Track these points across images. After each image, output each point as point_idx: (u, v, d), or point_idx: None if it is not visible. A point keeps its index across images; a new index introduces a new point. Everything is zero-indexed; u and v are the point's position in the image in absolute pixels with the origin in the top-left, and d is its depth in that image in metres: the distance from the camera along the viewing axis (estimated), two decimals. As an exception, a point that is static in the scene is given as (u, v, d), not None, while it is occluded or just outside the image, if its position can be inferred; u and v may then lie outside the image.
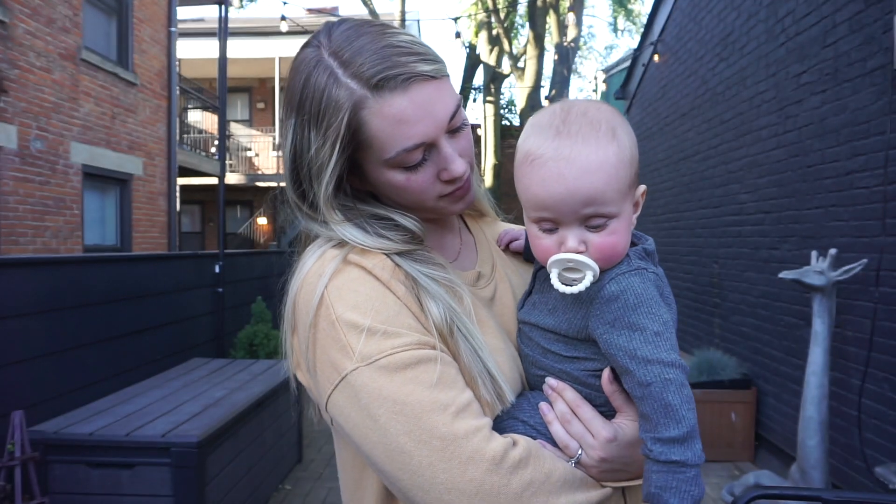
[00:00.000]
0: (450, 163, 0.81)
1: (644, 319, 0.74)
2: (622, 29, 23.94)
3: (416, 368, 0.72)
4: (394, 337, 0.74)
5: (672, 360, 0.72)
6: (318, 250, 0.82)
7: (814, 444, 3.16)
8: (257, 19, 15.49)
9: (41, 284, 3.37)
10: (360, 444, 0.74)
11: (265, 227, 16.10)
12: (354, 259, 0.79)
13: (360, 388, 0.72)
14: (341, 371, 0.73)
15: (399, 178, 0.81)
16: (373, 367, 0.72)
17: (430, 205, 0.84)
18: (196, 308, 5.15)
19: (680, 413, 0.72)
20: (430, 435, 0.69)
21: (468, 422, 0.71)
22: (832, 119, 3.58)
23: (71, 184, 6.63)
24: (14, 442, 2.67)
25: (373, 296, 0.76)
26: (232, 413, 3.07)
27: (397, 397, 0.71)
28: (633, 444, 0.78)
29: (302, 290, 0.80)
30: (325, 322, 0.75)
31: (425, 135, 0.78)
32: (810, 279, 3.24)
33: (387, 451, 0.71)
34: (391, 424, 0.70)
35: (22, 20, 5.91)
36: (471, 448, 0.69)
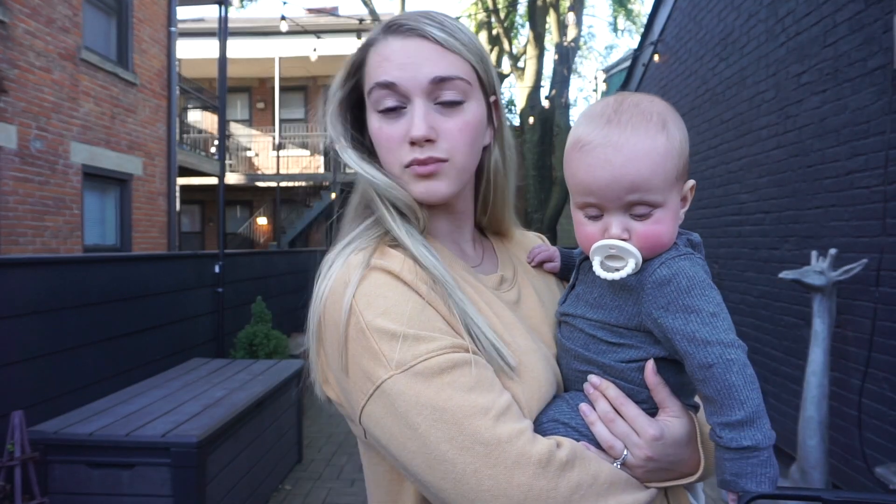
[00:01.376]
0: (414, 121, 0.79)
1: (698, 301, 0.73)
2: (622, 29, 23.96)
3: (452, 373, 0.71)
4: (427, 341, 0.72)
5: (731, 341, 0.72)
6: (341, 258, 0.81)
7: (814, 444, 3.16)
8: (257, 19, 15.49)
9: (41, 284, 3.37)
10: (399, 455, 0.71)
11: (265, 227, 16.10)
12: (379, 264, 0.78)
13: (396, 396, 0.70)
14: (375, 380, 0.71)
15: (375, 125, 0.83)
16: (408, 373, 0.70)
17: (396, 171, 0.83)
18: (196, 308, 5.15)
19: (744, 394, 0.71)
20: (472, 440, 0.67)
21: (510, 425, 0.69)
22: (832, 119, 3.58)
23: (71, 184, 6.63)
24: (14, 442, 2.66)
25: (401, 300, 0.75)
26: (232, 413, 3.07)
27: (436, 403, 0.69)
28: (680, 443, 0.77)
29: (329, 300, 0.78)
30: (355, 331, 0.73)
31: (399, 78, 0.80)
32: (810, 279, 3.24)
33: (428, 461, 0.69)
34: (431, 432, 0.68)
35: (22, 20, 5.91)
36: (516, 452, 0.67)
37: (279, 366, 4.28)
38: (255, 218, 16.10)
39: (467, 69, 0.83)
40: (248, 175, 15.58)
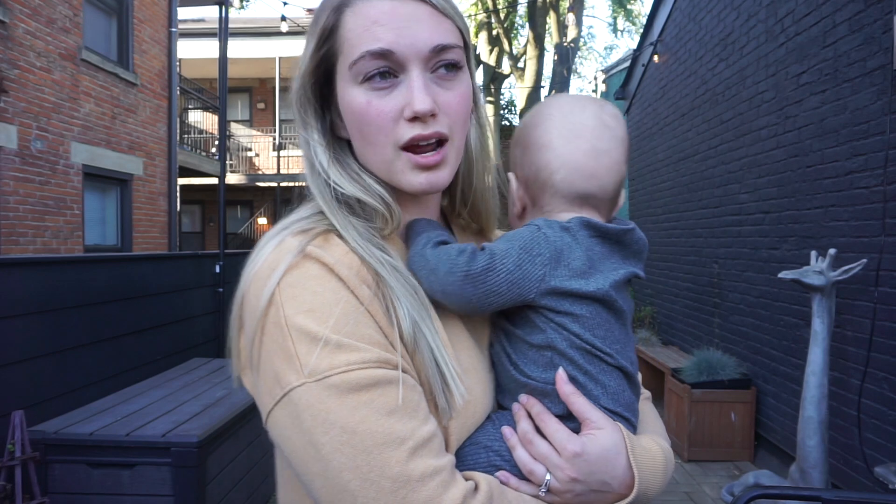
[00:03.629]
0: (413, 93, 0.69)
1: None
2: (622, 29, 23.94)
3: (371, 391, 0.62)
4: (350, 351, 0.63)
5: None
6: (276, 238, 0.71)
7: (813, 444, 3.16)
8: (257, 19, 15.50)
9: (41, 284, 3.37)
10: (300, 472, 0.63)
11: (265, 227, 16.10)
12: (315, 252, 0.67)
13: (303, 408, 0.61)
14: (284, 385, 0.62)
15: (360, 99, 0.71)
16: (321, 384, 0.61)
17: (387, 154, 0.72)
18: (196, 308, 5.15)
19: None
20: (379, 474, 0.59)
21: (426, 461, 0.61)
22: (832, 119, 3.58)
23: (71, 184, 6.63)
24: (14, 442, 2.67)
25: (331, 299, 0.65)
26: (232, 413, 3.07)
27: (346, 424, 0.60)
28: (606, 458, 0.69)
29: (252, 284, 0.68)
30: (272, 325, 0.64)
31: (395, 44, 0.68)
32: (810, 279, 3.24)
33: (328, 487, 0.60)
34: (335, 456, 0.59)
35: (22, 20, 5.91)
36: (425, 495, 0.59)
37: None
38: (256, 218, 16.10)
39: (459, 36, 0.74)
40: (248, 175, 15.58)
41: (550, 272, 0.72)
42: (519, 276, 0.71)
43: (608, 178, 0.80)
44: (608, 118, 0.81)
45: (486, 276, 0.71)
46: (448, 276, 0.71)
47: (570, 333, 0.73)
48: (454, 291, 0.72)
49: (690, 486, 4.00)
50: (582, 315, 0.73)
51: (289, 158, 15.74)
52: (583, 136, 0.79)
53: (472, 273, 0.71)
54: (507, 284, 0.71)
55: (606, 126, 0.80)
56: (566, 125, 0.80)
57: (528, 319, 0.75)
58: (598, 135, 0.79)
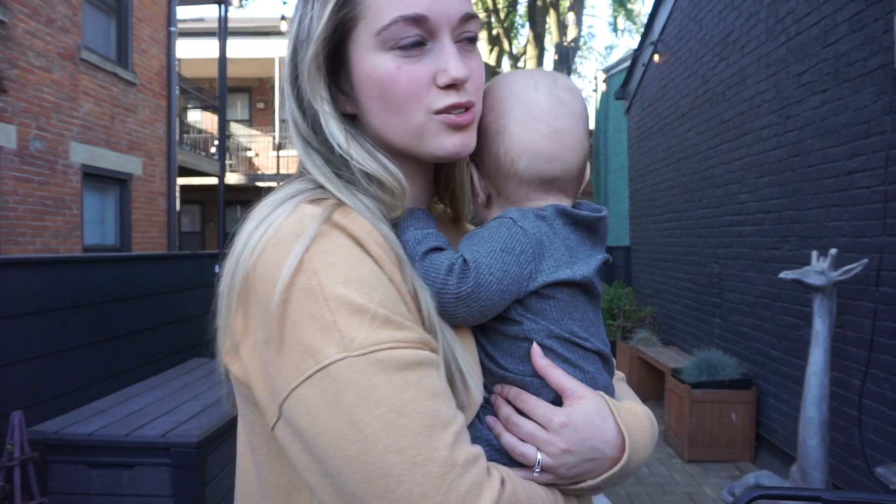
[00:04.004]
0: (449, 60, 0.67)
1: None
2: (622, 29, 23.98)
3: (418, 371, 0.58)
4: (397, 328, 0.59)
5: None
6: (287, 204, 0.65)
7: (814, 445, 3.16)
8: (257, 19, 15.49)
9: (41, 284, 3.37)
10: (325, 457, 0.57)
11: (265, 226, 16.08)
12: (341, 222, 0.63)
13: (345, 383, 0.56)
14: (321, 359, 0.57)
15: (389, 66, 0.67)
16: (367, 359, 0.56)
17: (419, 119, 0.69)
18: (196, 308, 5.14)
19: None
20: (427, 457, 0.55)
21: (468, 447, 0.59)
22: (832, 119, 3.58)
23: (70, 184, 6.63)
24: (13, 442, 2.66)
25: (368, 272, 0.60)
26: (232, 413, 3.07)
27: (394, 403, 0.56)
28: (593, 422, 0.68)
29: (267, 251, 0.61)
30: (302, 294, 0.58)
31: (430, 10, 0.66)
32: (811, 279, 3.24)
33: (366, 471, 0.55)
34: (380, 437, 0.55)
35: (22, 20, 5.91)
36: (470, 481, 0.56)
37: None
38: (255, 218, 16.09)
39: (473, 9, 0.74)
40: (248, 175, 15.58)
41: (536, 267, 0.71)
42: (508, 282, 0.70)
43: (571, 157, 0.76)
44: (563, 93, 0.77)
45: (477, 294, 0.68)
46: (439, 295, 0.68)
47: (548, 322, 0.72)
48: (446, 311, 0.69)
49: (691, 487, 4.00)
50: (561, 299, 0.72)
51: (288, 158, 15.74)
52: (539, 119, 0.75)
53: (462, 295, 0.68)
54: (498, 295, 0.69)
55: (563, 103, 0.76)
56: (520, 108, 0.75)
57: (504, 312, 0.73)
58: (555, 114, 0.75)
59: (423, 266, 0.69)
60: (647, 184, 7.51)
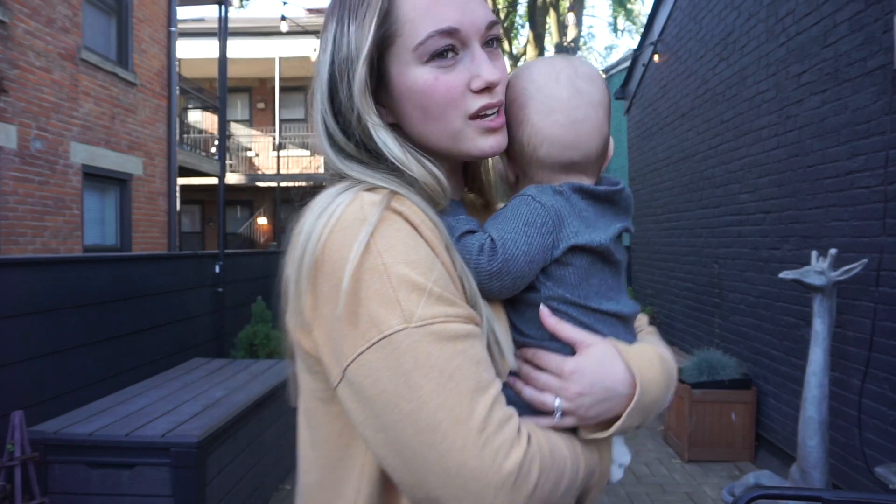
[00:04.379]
0: (482, 65, 0.75)
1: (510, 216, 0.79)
2: (622, 29, 23.97)
3: (465, 342, 0.67)
4: (449, 304, 0.67)
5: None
6: (348, 194, 0.72)
7: (814, 445, 3.16)
8: (257, 19, 15.49)
9: (41, 284, 3.37)
10: (383, 414, 0.65)
11: (265, 227, 16.10)
12: (400, 209, 0.70)
13: (404, 350, 0.64)
14: (384, 329, 0.65)
15: (427, 77, 0.74)
16: (423, 330, 0.65)
17: (456, 125, 0.76)
18: (196, 308, 5.15)
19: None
20: (469, 415, 0.63)
21: (504, 408, 0.67)
22: (832, 119, 3.58)
23: (70, 184, 6.63)
24: (14, 442, 2.66)
25: (424, 254, 0.69)
26: (232, 413, 3.07)
27: (444, 368, 0.64)
28: (602, 364, 0.75)
29: (335, 234, 0.68)
30: (370, 273, 0.66)
31: (460, 22, 0.73)
32: (810, 279, 3.24)
33: (418, 426, 0.63)
34: (432, 397, 0.63)
35: (22, 20, 5.91)
36: (502, 437, 0.64)
37: (279, 366, 4.28)
38: (256, 218, 16.10)
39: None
40: (248, 175, 15.58)
41: (558, 236, 0.78)
42: (534, 253, 0.76)
43: (589, 144, 0.82)
44: (583, 83, 0.82)
45: (507, 269, 0.75)
46: (475, 273, 0.75)
47: (564, 290, 0.78)
48: (482, 287, 0.76)
49: (691, 487, 4.00)
50: (580, 266, 0.79)
51: (288, 158, 15.74)
52: (558, 110, 0.81)
53: (494, 271, 0.75)
54: (527, 266, 0.76)
55: (581, 93, 0.82)
56: (541, 99, 0.81)
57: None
58: (573, 105, 0.81)
59: (458, 249, 0.76)
60: (647, 184, 7.51)
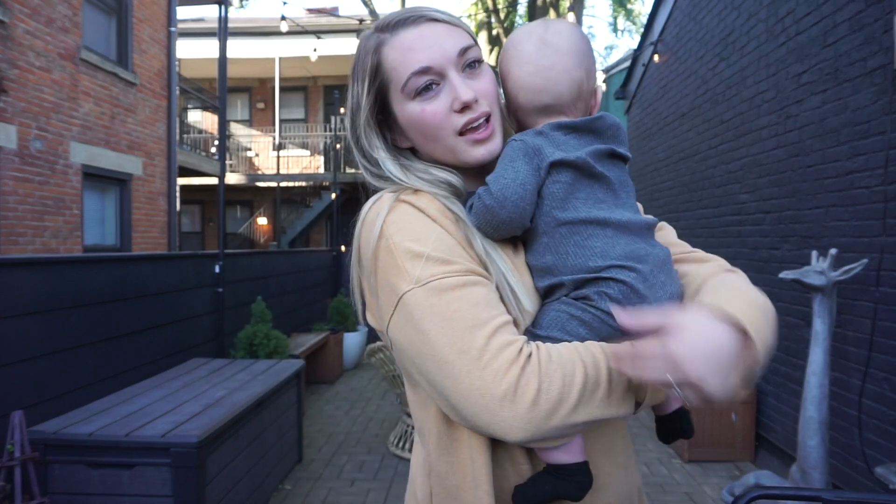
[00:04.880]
0: (458, 88, 0.88)
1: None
2: (622, 29, 23.98)
3: (462, 290, 0.81)
4: (446, 264, 0.82)
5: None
6: (374, 198, 0.92)
7: (814, 445, 3.16)
8: (257, 19, 15.48)
9: (41, 284, 3.37)
10: (415, 359, 0.83)
11: (265, 227, 16.09)
12: (407, 198, 0.89)
13: (413, 306, 0.81)
14: (398, 293, 0.82)
15: (416, 110, 0.91)
16: (425, 287, 0.80)
17: (450, 142, 0.91)
18: (196, 308, 5.14)
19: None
20: (469, 346, 0.77)
21: (504, 336, 0.79)
22: (832, 119, 3.58)
23: (70, 184, 6.62)
24: (14, 442, 2.66)
25: (427, 229, 0.85)
26: (232, 413, 3.07)
27: (444, 314, 0.79)
28: (702, 337, 0.73)
29: (363, 230, 0.89)
30: (384, 252, 0.84)
31: (432, 59, 0.88)
32: (810, 279, 3.24)
33: (436, 362, 0.79)
34: (438, 338, 0.79)
35: (22, 20, 5.91)
36: (503, 358, 0.76)
37: (279, 366, 4.28)
38: (256, 218, 16.09)
39: (471, 39, 0.94)
40: (248, 175, 15.57)
41: (540, 158, 0.88)
42: (523, 177, 0.86)
43: (558, 87, 0.92)
44: (550, 36, 0.93)
45: (504, 196, 0.86)
46: (485, 218, 0.88)
47: (556, 206, 0.87)
48: (499, 223, 0.87)
49: (691, 487, 4.00)
50: (564, 182, 0.88)
51: (288, 158, 15.74)
52: (527, 61, 0.92)
53: (494, 205, 0.86)
54: (521, 188, 0.86)
55: (547, 44, 0.92)
56: (515, 54, 0.94)
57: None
58: (539, 55, 0.92)
59: (472, 215, 0.90)
60: (646, 184, 7.51)
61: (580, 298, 0.86)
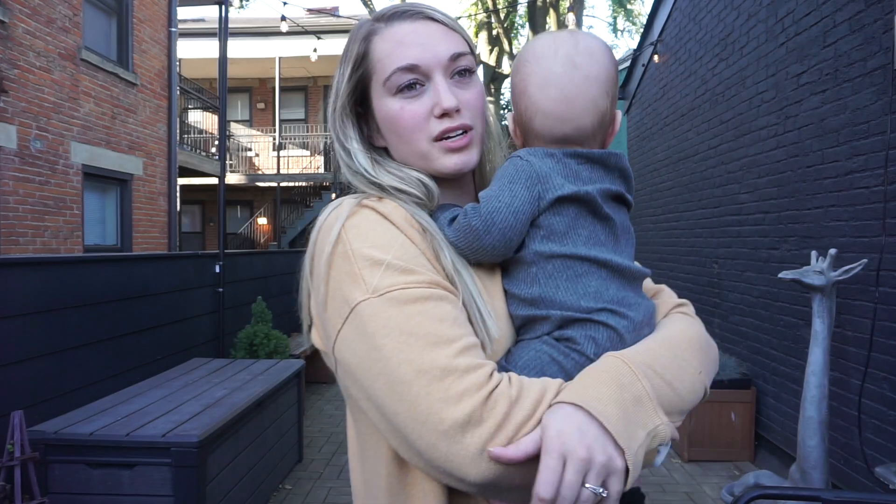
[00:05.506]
0: (441, 94, 0.83)
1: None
2: (622, 29, 23.96)
3: (425, 303, 0.72)
4: (409, 273, 0.74)
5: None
6: (335, 203, 0.85)
7: (814, 444, 3.16)
8: (257, 19, 15.49)
9: (41, 284, 3.37)
10: (364, 378, 0.72)
11: (265, 227, 16.09)
12: (370, 203, 0.81)
13: (368, 318, 0.71)
14: (351, 302, 0.73)
15: (395, 107, 0.85)
16: (383, 298, 0.71)
17: (423, 147, 0.85)
18: (196, 308, 5.15)
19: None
20: (430, 365, 0.67)
21: (472, 359, 0.69)
22: (832, 119, 3.58)
23: (71, 184, 6.63)
24: (14, 442, 2.66)
25: (389, 236, 0.77)
26: (232, 413, 3.07)
27: (403, 328, 0.70)
28: (570, 436, 0.66)
29: (320, 235, 0.81)
30: (340, 258, 0.76)
31: (420, 58, 0.83)
32: (810, 279, 3.24)
33: (388, 382, 0.69)
34: (394, 354, 0.69)
35: (22, 20, 5.91)
36: (469, 382, 0.67)
37: (279, 366, 4.28)
38: (256, 218, 16.09)
39: (467, 46, 0.88)
40: (248, 175, 15.57)
41: (544, 187, 0.80)
42: (518, 204, 0.79)
43: (582, 118, 0.83)
44: (580, 58, 0.83)
45: (492, 220, 0.79)
46: (466, 239, 0.81)
47: (554, 240, 0.80)
48: (479, 248, 0.80)
49: (690, 486, 4.00)
50: (567, 215, 0.81)
51: (289, 158, 15.74)
52: (553, 84, 0.82)
53: (480, 227, 0.79)
54: (512, 217, 0.79)
55: (577, 67, 0.82)
56: (539, 72, 0.84)
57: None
58: (567, 79, 0.82)
59: (452, 231, 0.83)
60: (646, 184, 7.51)
61: (564, 339, 0.79)
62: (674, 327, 0.87)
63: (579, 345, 0.78)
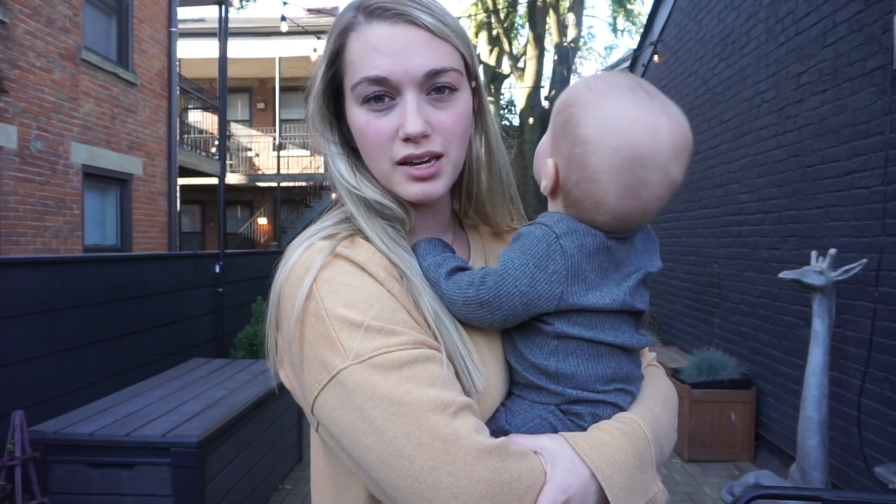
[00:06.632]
0: (408, 117, 0.74)
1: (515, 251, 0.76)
2: (622, 29, 23.93)
3: (412, 367, 0.67)
4: (390, 335, 0.68)
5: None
6: (306, 241, 0.77)
7: (814, 444, 3.16)
8: (257, 19, 15.49)
9: (41, 284, 3.37)
10: (351, 449, 0.67)
11: (265, 227, 16.09)
12: (345, 252, 0.74)
13: (352, 387, 0.66)
14: (331, 370, 0.67)
15: (361, 119, 0.77)
16: (366, 364, 0.66)
17: (385, 168, 0.77)
18: (196, 308, 5.15)
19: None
20: (430, 436, 0.63)
21: (470, 420, 0.66)
22: (832, 119, 3.58)
23: (71, 184, 6.63)
24: (14, 442, 2.67)
25: (366, 291, 0.71)
26: (232, 413, 3.07)
27: (394, 397, 0.64)
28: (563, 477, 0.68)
29: (288, 282, 0.74)
30: (313, 318, 0.69)
31: (390, 71, 0.74)
32: (810, 279, 3.24)
33: (383, 457, 0.64)
34: (388, 426, 0.64)
35: (22, 20, 5.91)
36: (475, 446, 0.63)
37: (279, 366, 4.28)
38: (256, 218, 16.09)
39: (457, 58, 0.78)
40: (248, 175, 15.58)
41: (567, 289, 0.72)
42: (534, 296, 0.72)
43: (649, 216, 0.76)
44: (675, 168, 0.72)
45: (499, 302, 0.73)
46: (468, 307, 0.75)
47: (580, 328, 0.75)
48: (475, 318, 0.75)
49: (690, 487, 4.00)
50: (592, 316, 0.75)
51: (289, 158, 15.74)
52: (640, 197, 0.72)
53: (485, 301, 0.73)
54: (522, 307, 0.73)
55: (670, 179, 0.72)
56: (620, 156, 0.70)
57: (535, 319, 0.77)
58: (657, 194, 0.72)
59: (448, 284, 0.76)
60: (647, 184, 7.51)
61: (571, 413, 0.76)
62: (659, 385, 0.87)
63: (585, 422, 0.76)
